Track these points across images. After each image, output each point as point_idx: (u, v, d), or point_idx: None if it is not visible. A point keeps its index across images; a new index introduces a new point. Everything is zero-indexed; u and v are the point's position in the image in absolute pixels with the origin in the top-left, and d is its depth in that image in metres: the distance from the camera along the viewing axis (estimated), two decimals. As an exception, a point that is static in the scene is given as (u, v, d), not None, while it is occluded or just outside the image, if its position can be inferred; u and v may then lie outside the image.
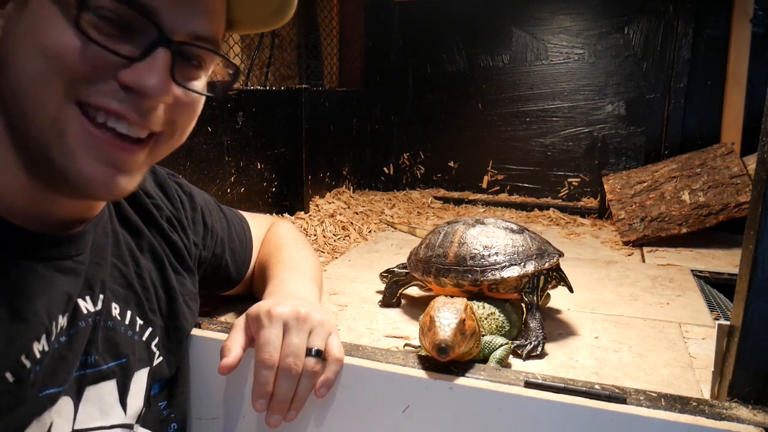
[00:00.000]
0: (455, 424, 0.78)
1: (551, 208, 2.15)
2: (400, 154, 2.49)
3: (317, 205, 1.98)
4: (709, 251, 1.66)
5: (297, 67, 2.27)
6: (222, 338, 0.83)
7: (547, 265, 1.04)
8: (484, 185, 2.38)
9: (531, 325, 1.00)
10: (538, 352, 0.96)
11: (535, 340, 0.97)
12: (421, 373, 0.80)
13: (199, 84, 0.65)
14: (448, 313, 0.81)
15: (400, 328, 1.09)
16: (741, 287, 0.77)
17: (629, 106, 2.15)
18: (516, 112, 2.30)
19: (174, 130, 0.65)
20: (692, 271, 1.49)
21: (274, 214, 1.77)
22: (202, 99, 0.67)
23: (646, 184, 1.75)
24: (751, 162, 1.69)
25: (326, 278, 1.32)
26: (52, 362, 0.63)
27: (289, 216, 1.82)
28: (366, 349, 0.87)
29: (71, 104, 0.56)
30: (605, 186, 1.83)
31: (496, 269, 1.03)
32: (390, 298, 1.20)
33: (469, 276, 1.05)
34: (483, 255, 1.05)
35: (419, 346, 0.95)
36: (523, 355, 0.96)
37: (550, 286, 1.09)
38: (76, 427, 0.68)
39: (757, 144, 1.74)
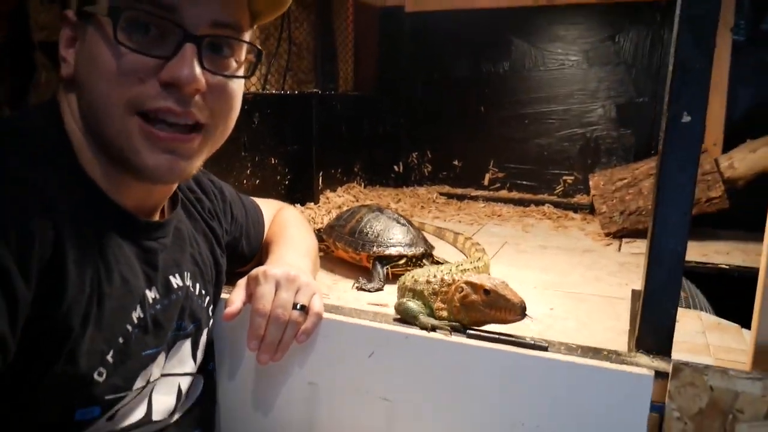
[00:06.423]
0: (410, 366, 0.94)
1: (547, 204, 2.29)
2: (409, 153, 2.66)
3: (327, 198, 2.17)
4: (683, 243, 1.79)
5: (314, 73, 2.47)
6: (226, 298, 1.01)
7: (409, 252, 1.35)
8: (486, 182, 2.53)
9: (373, 273, 1.32)
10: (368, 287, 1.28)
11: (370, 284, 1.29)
12: (384, 326, 0.97)
13: (231, 72, 0.76)
14: (500, 283, 0.93)
15: (383, 299, 1.25)
16: (646, 259, 0.92)
17: (619, 109, 2.29)
18: (515, 115, 2.45)
19: (218, 120, 0.76)
20: (660, 259, 1.62)
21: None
22: (238, 88, 0.78)
23: (626, 180, 1.89)
24: (724, 161, 1.83)
25: (326, 259, 1.50)
26: (153, 327, 0.82)
27: (300, 206, 2.02)
28: (344, 309, 1.04)
29: (133, 116, 0.71)
30: (590, 183, 1.98)
31: (373, 245, 1.35)
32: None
33: (353, 245, 1.37)
34: (367, 233, 1.38)
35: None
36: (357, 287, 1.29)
37: (410, 267, 1.33)
38: (162, 372, 0.88)
39: (737, 144, 1.89)
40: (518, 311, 0.90)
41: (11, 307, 0.62)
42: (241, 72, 0.79)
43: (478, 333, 0.94)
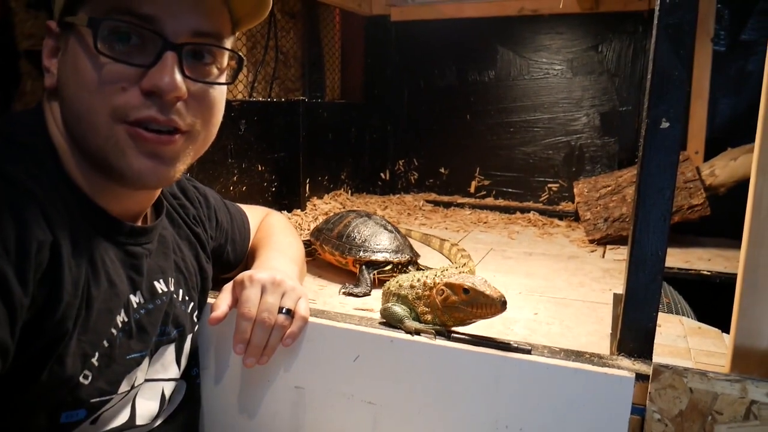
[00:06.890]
0: (395, 370, 0.95)
1: (532, 212, 2.31)
2: (395, 160, 2.68)
3: (314, 205, 2.18)
4: (666, 249, 1.81)
5: (301, 82, 2.48)
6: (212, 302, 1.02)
7: (395, 259, 1.36)
8: (472, 190, 2.55)
9: (360, 278, 1.33)
10: (355, 292, 1.29)
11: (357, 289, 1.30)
12: (369, 330, 0.97)
13: (213, 78, 0.77)
14: (478, 280, 0.94)
15: (368, 304, 1.26)
16: (627, 261, 0.93)
17: (603, 118, 2.33)
18: (501, 123, 2.48)
19: (200, 127, 0.77)
20: (643, 265, 1.64)
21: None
22: (220, 95, 0.79)
23: (610, 188, 1.92)
24: (706, 168, 1.85)
25: (313, 264, 1.51)
26: (137, 331, 0.82)
27: (287, 213, 2.02)
28: (329, 313, 1.05)
29: (119, 124, 0.71)
30: (574, 190, 2.00)
31: (359, 250, 1.37)
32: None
33: (340, 249, 1.38)
34: (355, 237, 1.39)
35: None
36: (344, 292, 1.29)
37: (395, 273, 1.34)
38: (146, 377, 0.88)
39: (718, 153, 1.90)
40: (498, 305, 0.91)
41: (11, 314, 0.62)
42: (223, 78, 0.79)
43: (462, 336, 0.95)
